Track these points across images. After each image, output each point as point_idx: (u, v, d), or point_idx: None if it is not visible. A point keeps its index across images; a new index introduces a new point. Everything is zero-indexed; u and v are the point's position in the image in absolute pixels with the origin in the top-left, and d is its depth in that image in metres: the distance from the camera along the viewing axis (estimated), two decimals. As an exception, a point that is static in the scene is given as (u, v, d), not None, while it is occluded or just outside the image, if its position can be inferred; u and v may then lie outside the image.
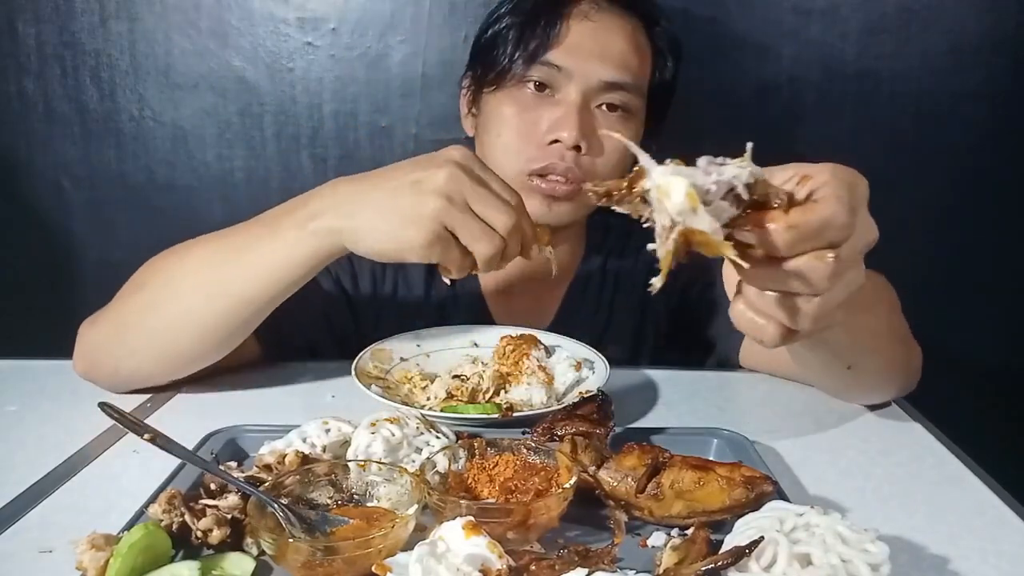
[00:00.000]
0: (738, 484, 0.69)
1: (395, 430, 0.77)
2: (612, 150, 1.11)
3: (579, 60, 1.09)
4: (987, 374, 1.60)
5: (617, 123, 1.12)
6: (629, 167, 1.14)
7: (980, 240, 1.56)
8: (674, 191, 0.51)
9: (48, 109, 1.59)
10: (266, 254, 0.91)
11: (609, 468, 0.72)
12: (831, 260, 0.58)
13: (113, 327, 1.01)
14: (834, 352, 0.87)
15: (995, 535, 0.72)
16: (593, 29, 1.10)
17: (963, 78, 1.48)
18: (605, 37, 1.11)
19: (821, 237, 0.58)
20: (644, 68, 1.15)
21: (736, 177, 0.53)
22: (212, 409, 0.98)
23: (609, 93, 1.11)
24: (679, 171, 0.52)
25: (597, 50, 1.10)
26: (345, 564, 0.60)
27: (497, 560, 0.58)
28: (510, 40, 1.12)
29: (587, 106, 1.10)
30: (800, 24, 1.48)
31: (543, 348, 1.06)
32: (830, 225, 0.58)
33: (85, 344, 1.03)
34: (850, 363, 0.89)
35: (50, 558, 0.68)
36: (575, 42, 1.10)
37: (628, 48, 1.12)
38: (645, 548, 0.68)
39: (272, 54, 1.55)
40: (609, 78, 1.10)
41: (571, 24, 1.10)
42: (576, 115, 1.08)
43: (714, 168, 0.53)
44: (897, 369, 0.97)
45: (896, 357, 0.96)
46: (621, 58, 1.11)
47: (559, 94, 1.10)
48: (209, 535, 0.66)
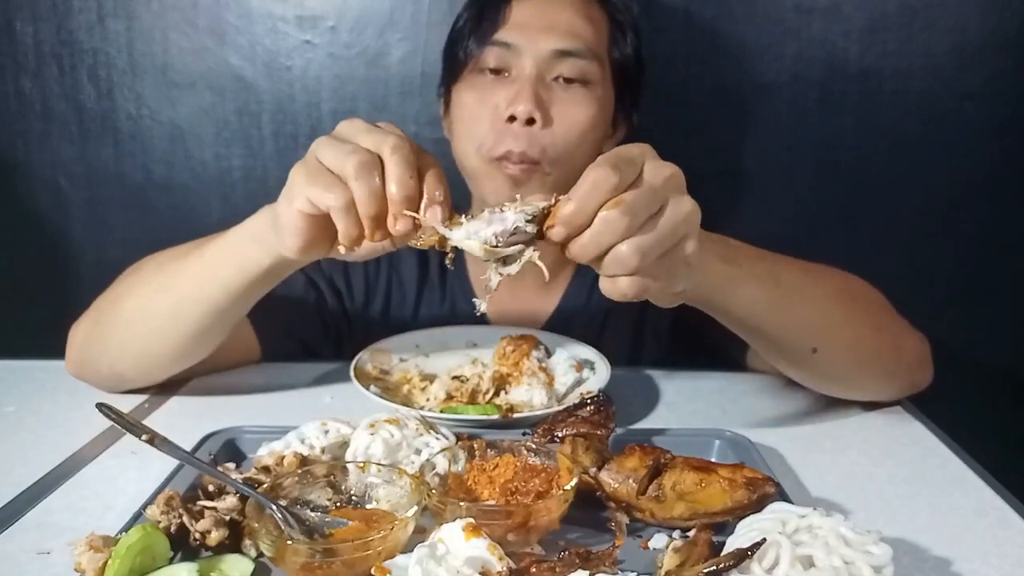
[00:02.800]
0: (740, 486, 0.69)
1: (394, 431, 0.77)
2: (572, 124, 1.10)
3: (527, 34, 1.10)
4: (990, 375, 1.59)
5: (577, 94, 1.11)
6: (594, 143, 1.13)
7: (982, 240, 1.56)
8: (473, 249, 0.65)
9: (45, 108, 1.58)
10: (210, 254, 0.91)
11: (610, 469, 0.71)
12: (618, 207, 0.64)
13: (90, 327, 1.03)
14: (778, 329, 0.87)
15: (998, 537, 0.72)
16: (539, 4, 1.12)
17: (966, 77, 1.48)
18: (552, 10, 1.12)
19: (597, 193, 0.64)
20: (598, 36, 1.14)
21: (516, 220, 0.64)
22: (210, 410, 0.97)
23: (562, 63, 1.10)
24: (470, 231, 0.65)
25: (545, 23, 1.11)
26: (344, 566, 0.60)
27: (497, 562, 0.57)
28: (466, 33, 1.15)
29: (541, 79, 1.10)
30: (802, 23, 1.47)
31: (543, 349, 1.05)
32: (597, 181, 0.64)
33: (72, 345, 1.04)
34: (813, 346, 0.89)
35: (48, 559, 0.67)
36: (522, 19, 1.11)
37: (576, 18, 1.12)
38: (646, 550, 0.68)
39: (270, 52, 1.54)
40: (558, 46, 1.09)
41: (518, 3, 1.12)
42: (529, 88, 1.08)
43: (496, 217, 0.65)
44: (875, 358, 0.96)
45: (867, 344, 0.94)
46: (569, 27, 1.11)
47: (514, 72, 1.11)
48: (207, 536, 0.65)
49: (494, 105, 1.09)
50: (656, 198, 0.66)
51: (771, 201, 1.54)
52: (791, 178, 1.54)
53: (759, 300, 0.83)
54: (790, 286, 0.86)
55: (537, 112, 1.07)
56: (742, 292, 0.81)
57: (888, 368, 0.98)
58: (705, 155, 1.52)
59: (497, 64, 1.11)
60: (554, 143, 1.09)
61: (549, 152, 1.08)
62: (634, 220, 0.65)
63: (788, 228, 1.54)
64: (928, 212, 1.54)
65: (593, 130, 1.12)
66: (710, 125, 1.52)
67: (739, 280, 0.80)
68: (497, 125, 1.09)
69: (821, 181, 1.54)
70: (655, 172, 0.67)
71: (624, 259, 0.65)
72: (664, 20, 1.48)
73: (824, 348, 0.90)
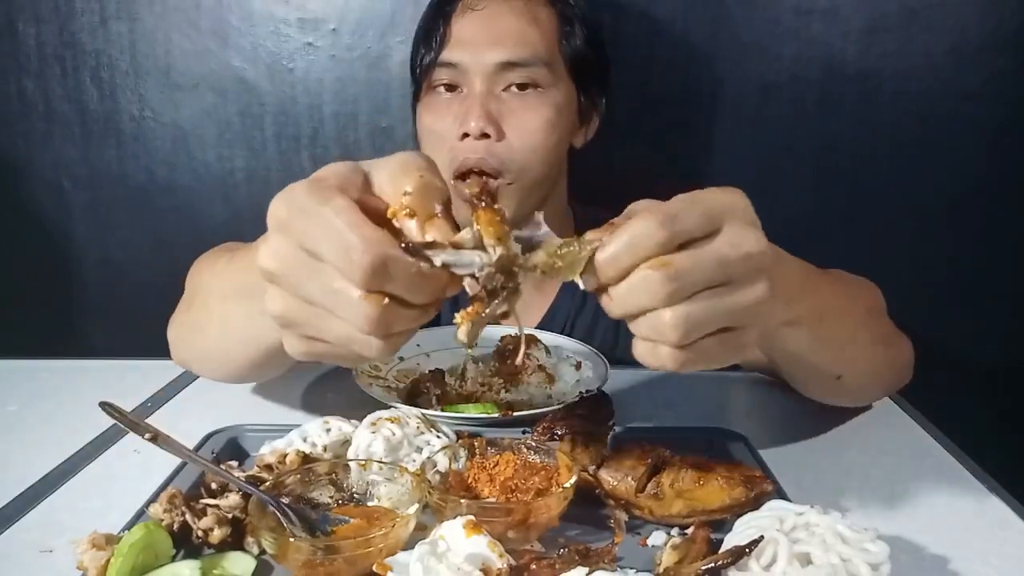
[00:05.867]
0: (738, 483, 0.69)
1: (395, 429, 0.77)
2: (528, 132, 1.10)
3: (471, 50, 1.11)
4: (987, 374, 1.60)
5: (530, 100, 1.12)
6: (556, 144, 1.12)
7: (981, 240, 1.56)
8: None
9: (48, 109, 1.59)
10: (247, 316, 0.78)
11: (609, 467, 0.72)
12: (661, 269, 0.54)
13: (179, 332, 0.98)
14: (814, 364, 0.84)
15: (995, 535, 0.73)
16: (480, 18, 1.12)
17: (965, 78, 1.48)
18: (493, 22, 1.12)
19: (635, 249, 0.55)
20: (546, 38, 1.14)
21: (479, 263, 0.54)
22: (213, 409, 0.98)
23: (509, 73, 1.11)
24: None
25: (488, 36, 1.11)
26: (346, 563, 0.60)
27: (497, 559, 0.58)
28: (418, 53, 1.18)
29: (491, 93, 1.11)
30: (801, 24, 1.48)
31: (543, 348, 1.06)
32: (636, 236, 0.55)
33: (171, 343, 1.00)
34: (839, 373, 0.88)
35: (51, 557, 0.68)
36: (466, 35, 1.12)
37: (520, 25, 1.12)
38: (645, 547, 0.68)
39: (272, 54, 1.55)
40: (503, 59, 1.10)
41: (458, 20, 1.13)
42: (478, 104, 1.09)
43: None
44: (883, 371, 0.96)
45: (879, 360, 0.94)
46: (512, 37, 1.11)
47: (465, 89, 1.12)
48: (210, 534, 0.66)
49: (448, 125, 1.11)
50: (720, 272, 0.56)
51: (770, 202, 1.52)
52: (790, 179, 1.54)
53: (801, 343, 0.78)
54: (831, 321, 0.80)
55: (489, 127, 1.08)
56: (788, 341, 0.77)
57: (890, 378, 0.99)
58: (704, 156, 1.53)
59: (449, 82, 1.13)
60: (511, 154, 1.10)
61: (507, 163, 1.09)
62: (680, 290, 0.55)
63: (787, 229, 1.54)
64: (927, 212, 1.54)
65: (551, 133, 1.12)
66: (709, 126, 1.53)
67: (788, 331, 0.75)
68: (454, 143, 1.10)
69: (820, 182, 1.54)
70: (733, 241, 0.56)
71: (662, 329, 0.55)
72: (663, 22, 1.49)
73: (848, 374, 0.88)
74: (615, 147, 1.52)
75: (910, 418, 0.98)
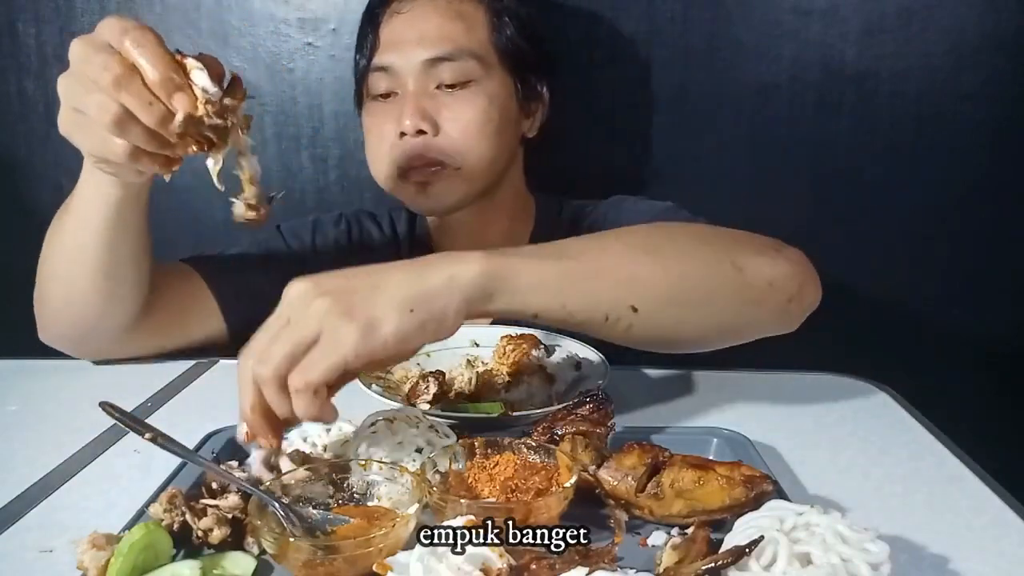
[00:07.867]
0: (738, 483, 0.69)
1: (396, 429, 0.77)
2: (463, 125, 1.13)
3: (399, 51, 1.13)
4: (988, 375, 1.60)
5: (463, 95, 1.14)
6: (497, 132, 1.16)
7: (980, 241, 1.56)
8: None
9: (48, 109, 1.58)
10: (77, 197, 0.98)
11: (609, 467, 0.72)
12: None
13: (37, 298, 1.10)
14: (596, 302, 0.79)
15: (995, 534, 0.72)
16: (405, 20, 1.15)
17: (964, 79, 1.48)
18: (418, 22, 1.14)
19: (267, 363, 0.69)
20: (473, 32, 1.16)
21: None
22: (213, 408, 0.98)
23: (439, 69, 1.13)
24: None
25: (414, 35, 1.14)
26: (346, 563, 0.60)
27: (498, 559, 0.58)
28: (356, 62, 1.22)
29: (423, 92, 1.13)
30: (800, 25, 1.48)
31: (543, 347, 1.06)
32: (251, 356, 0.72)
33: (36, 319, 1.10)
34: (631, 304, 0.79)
35: (50, 558, 0.68)
36: (392, 39, 1.15)
37: (444, 21, 1.14)
38: (645, 547, 0.68)
39: (272, 55, 1.55)
40: (429, 55, 1.12)
41: (387, 24, 1.16)
42: (412, 104, 1.11)
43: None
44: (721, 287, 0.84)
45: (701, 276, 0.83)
46: (438, 33, 1.13)
47: (399, 92, 1.14)
48: (210, 534, 0.66)
49: (388, 128, 1.14)
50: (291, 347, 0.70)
51: (769, 203, 1.54)
52: (789, 180, 1.54)
53: (547, 279, 0.76)
54: (580, 252, 0.79)
55: (424, 123, 1.11)
56: (521, 282, 0.74)
57: (733, 295, 0.85)
58: (702, 157, 1.53)
59: (386, 88, 1.15)
60: (452, 149, 1.13)
61: (449, 154, 1.13)
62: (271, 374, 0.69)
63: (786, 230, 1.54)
64: (926, 213, 1.54)
65: (487, 122, 1.14)
66: (707, 127, 1.53)
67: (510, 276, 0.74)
68: (393, 142, 1.13)
69: (819, 183, 1.54)
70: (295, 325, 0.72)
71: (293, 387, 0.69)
72: (663, 22, 1.49)
73: (644, 302, 0.80)
74: (615, 147, 1.52)
75: (910, 417, 0.98)
